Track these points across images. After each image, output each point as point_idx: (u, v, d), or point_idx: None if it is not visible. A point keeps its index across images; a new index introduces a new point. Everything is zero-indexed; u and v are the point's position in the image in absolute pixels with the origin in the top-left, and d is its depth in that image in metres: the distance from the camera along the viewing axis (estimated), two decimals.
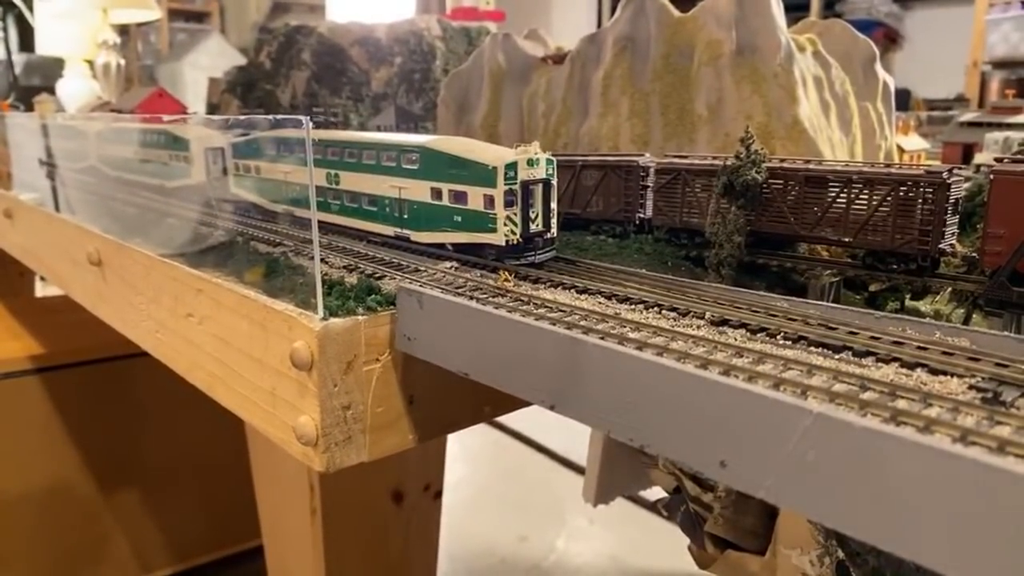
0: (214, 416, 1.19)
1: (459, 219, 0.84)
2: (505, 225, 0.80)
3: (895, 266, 0.83)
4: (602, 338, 0.57)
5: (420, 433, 0.79)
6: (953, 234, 0.82)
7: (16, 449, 2.26)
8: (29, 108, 4.01)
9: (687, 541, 1.03)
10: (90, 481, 2.40)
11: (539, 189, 0.82)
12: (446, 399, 0.79)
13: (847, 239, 0.85)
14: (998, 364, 0.52)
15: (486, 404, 0.82)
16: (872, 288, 0.84)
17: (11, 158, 2.16)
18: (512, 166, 0.79)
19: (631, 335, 0.59)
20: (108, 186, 1.52)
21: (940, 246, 0.80)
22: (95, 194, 1.55)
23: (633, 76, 1.26)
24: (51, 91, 4.48)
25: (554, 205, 0.84)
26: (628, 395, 0.52)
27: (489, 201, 0.80)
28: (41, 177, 1.86)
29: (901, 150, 1.80)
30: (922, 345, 0.56)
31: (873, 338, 0.58)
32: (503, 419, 3.84)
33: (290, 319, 0.72)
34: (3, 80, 6.98)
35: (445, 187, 0.85)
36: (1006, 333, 0.58)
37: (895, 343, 0.57)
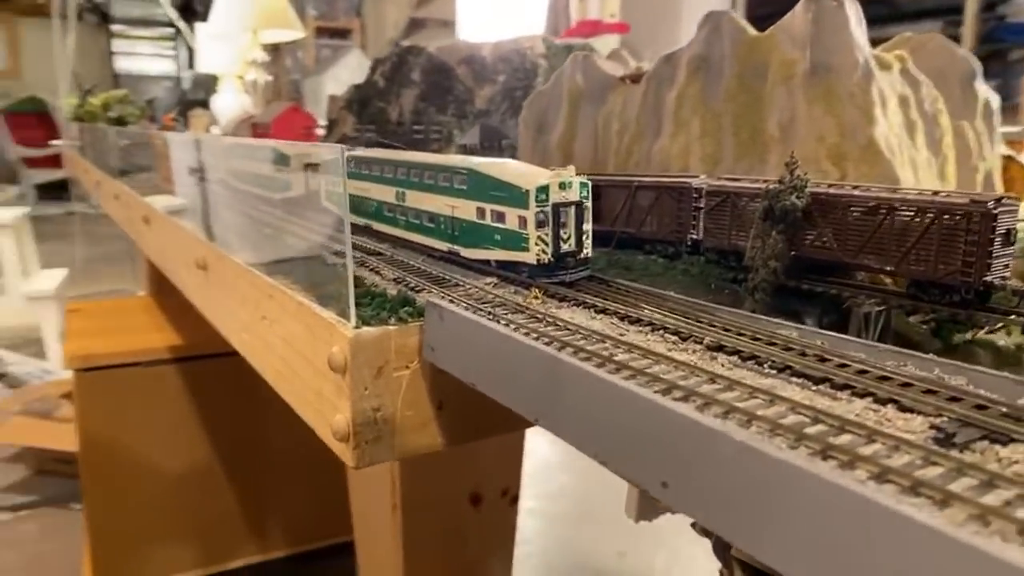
0: None
1: (498, 237, 0.89)
2: (536, 244, 0.84)
3: (939, 297, 0.80)
4: (584, 358, 0.60)
5: (449, 437, 0.84)
6: (1005, 266, 0.78)
7: (156, 431, 2.51)
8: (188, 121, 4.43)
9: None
10: (217, 464, 2.62)
11: (571, 211, 0.86)
12: (475, 407, 0.83)
13: (889, 267, 0.83)
14: (977, 406, 0.51)
15: (514, 414, 0.86)
16: (912, 319, 0.82)
17: (172, 168, 2.43)
18: (544, 189, 0.84)
19: (619, 356, 0.62)
20: (231, 196, 1.69)
21: (986, 278, 0.77)
22: (220, 202, 1.73)
23: (706, 96, 1.26)
24: (208, 105, 4.92)
25: (587, 227, 0.87)
26: (593, 413, 0.55)
27: (522, 221, 0.85)
28: (191, 186, 2.09)
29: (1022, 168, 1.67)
30: (908, 382, 0.55)
31: (860, 372, 0.58)
32: None
33: (330, 326, 0.80)
34: (173, 95, 7.73)
35: (488, 207, 0.90)
36: (1006, 374, 0.56)
37: (880, 378, 0.56)
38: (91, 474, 2.42)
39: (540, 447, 3.69)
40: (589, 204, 0.87)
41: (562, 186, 0.85)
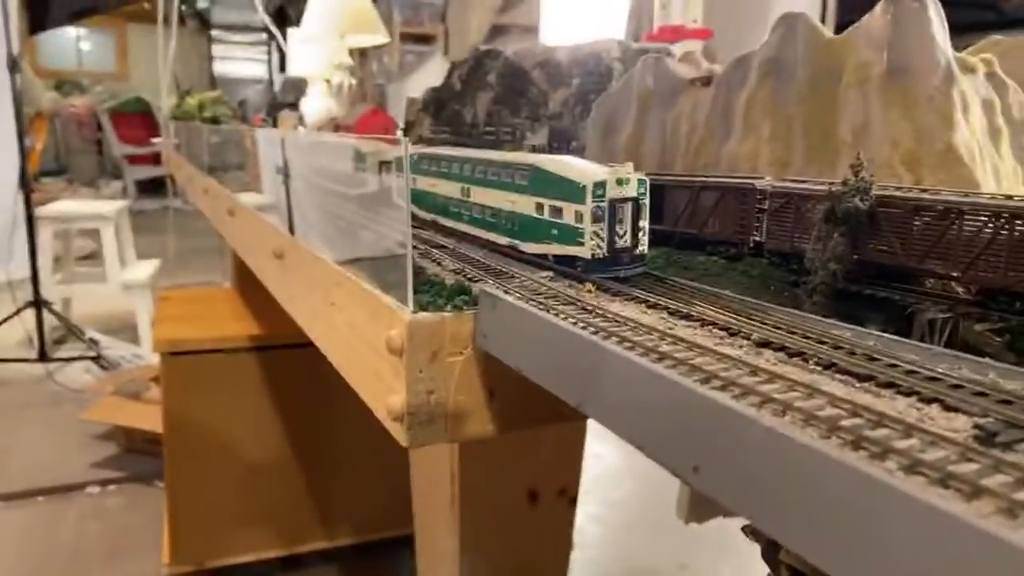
0: None
1: (555, 232, 0.91)
2: (592, 239, 0.85)
3: (1009, 305, 0.77)
4: (627, 347, 0.61)
5: (500, 424, 0.86)
6: None
7: (236, 416, 2.62)
8: (277, 121, 4.61)
9: None
10: (290, 452, 2.72)
11: (627, 207, 0.86)
12: (525, 396, 0.85)
13: (956, 274, 0.80)
14: None
15: (563, 404, 0.87)
16: (980, 328, 0.79)
17: (260, 165, 2.55)
18: (601, 184, 0.85)
19: (663, 347, 0.63)
20: (307, 189, 1.77)
21: None
22: (298, 195, 1.80)
23: (777, 99, 1.25)
24: (296, 107, 5.11)
25: (643, 223, 0.88)
26: (631, 398, 0.56)
27: (578, 216, 0.86)
28: (273, 180, 2.19)
29: None
30: (958, 383, 0.54)
31: (909, 372, 0.57)
32: None
33: (390, 311, 0.83)
34: (264, 97, 8.05)
35: (546, 202, 0.92)
36: None
37: (929, 379, 0.55)
38: (174, 454, 2.55)
39: (607, 454, 3.67)
40: (646, 201, 0.88)
41: (619, 182, 0.86)
